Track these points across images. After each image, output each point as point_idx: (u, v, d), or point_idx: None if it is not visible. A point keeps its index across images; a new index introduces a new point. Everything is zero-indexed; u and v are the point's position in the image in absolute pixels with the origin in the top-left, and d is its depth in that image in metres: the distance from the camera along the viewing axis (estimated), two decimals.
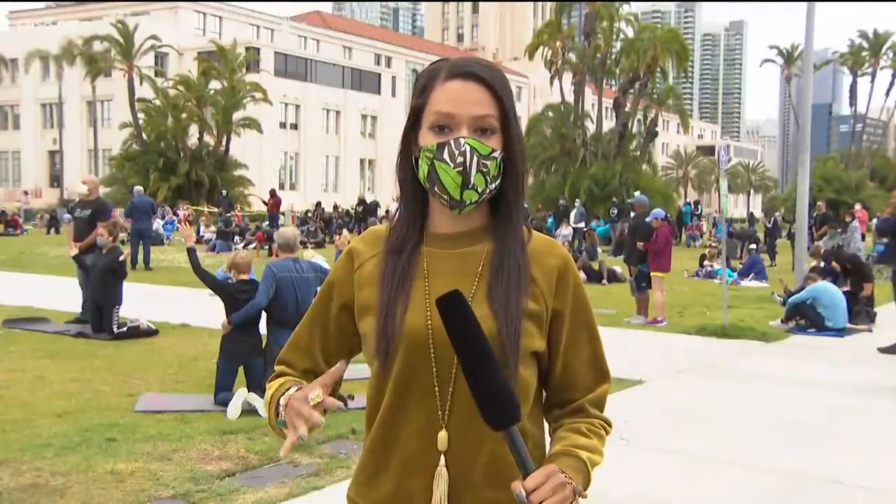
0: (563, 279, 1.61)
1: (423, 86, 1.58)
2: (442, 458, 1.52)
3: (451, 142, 1.51)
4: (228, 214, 29.81)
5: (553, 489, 1.39)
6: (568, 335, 1.61)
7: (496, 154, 1.53)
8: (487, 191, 1.54)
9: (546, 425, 1.68)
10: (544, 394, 1.67)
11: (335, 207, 36.19)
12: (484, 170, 1.52)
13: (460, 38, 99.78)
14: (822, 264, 13.31)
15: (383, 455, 1.59)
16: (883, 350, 9.79)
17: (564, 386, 1.64)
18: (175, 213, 31.63)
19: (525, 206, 1.67)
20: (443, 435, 1.52)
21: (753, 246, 21.08)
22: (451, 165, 1.50)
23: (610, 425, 1.66)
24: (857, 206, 24.13)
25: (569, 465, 1.49)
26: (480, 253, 1.59)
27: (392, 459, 1.58)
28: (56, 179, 55.56)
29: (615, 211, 29.23)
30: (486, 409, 1.40)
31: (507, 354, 1.50)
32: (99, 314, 9.62)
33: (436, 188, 1.54)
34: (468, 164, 1.50)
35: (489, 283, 1.55)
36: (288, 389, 1.54)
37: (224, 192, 38.90)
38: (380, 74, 66.85)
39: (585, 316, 1.64)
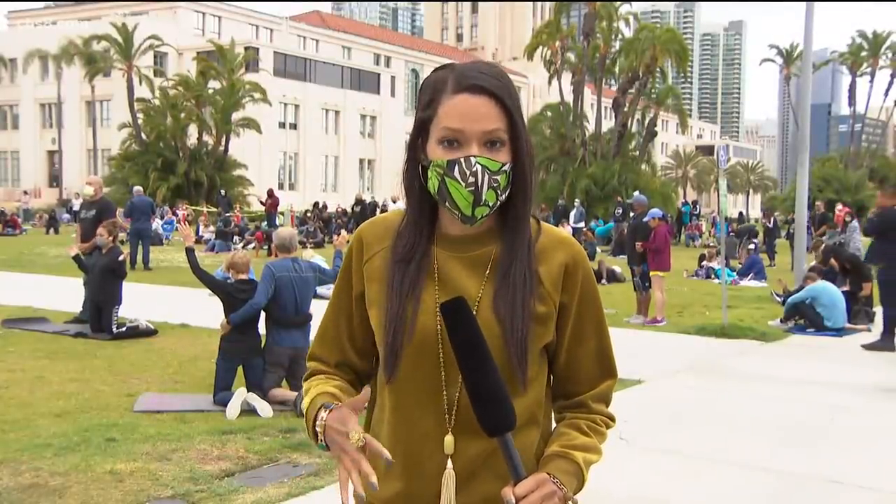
0: (571, 274, 1.60)
1: (430, 98, 1.55)
2: (449, 461, 1.52)
3: (462, 161, 1.49)
4: (227, 214, 29.79)
5: (542, 497, 1.42)
6: (573, 328, 1.62)
7: (506, 167, 1.52)
8: (498, 202, 1.54)
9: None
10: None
11: (324, 207, 35.32)
12: (494, 185, 1.51)
13: (459, 37, 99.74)
14: (822, 258, 13.32)
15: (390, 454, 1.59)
16: (866, 347, 9.82)
17: (568, 378, 1.64)
18: (174, 213, 31.61)
19: None
20: (449, 439, 1.52)
21: (752, 246, 21.10)
22: (463, 185, 1.49)
23: (613, 420, 1.67)
24: (839, 206, 24.15)
25: (562, 468, 1.50)
26: (488, 256, 1.58)
27: (398, 460, 1.57)
28: (55, 179, 55.58)
29: (619, 210, 29.25)
30: (482, 415, 1.41)
31: (516, 358, 1.50)
32: (98, 314, 9.62)
33: (447, 203, 1.53)
34: (480, 183, 1.49)
35: (496, 288, 1.54)
36: (319, 410, 1.52)
37: (223, 191, 38.80)
38: (379, 74, 66.82)
39: (593, 310, 1.64)
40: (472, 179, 1.49)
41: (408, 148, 1.60)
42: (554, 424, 1.67)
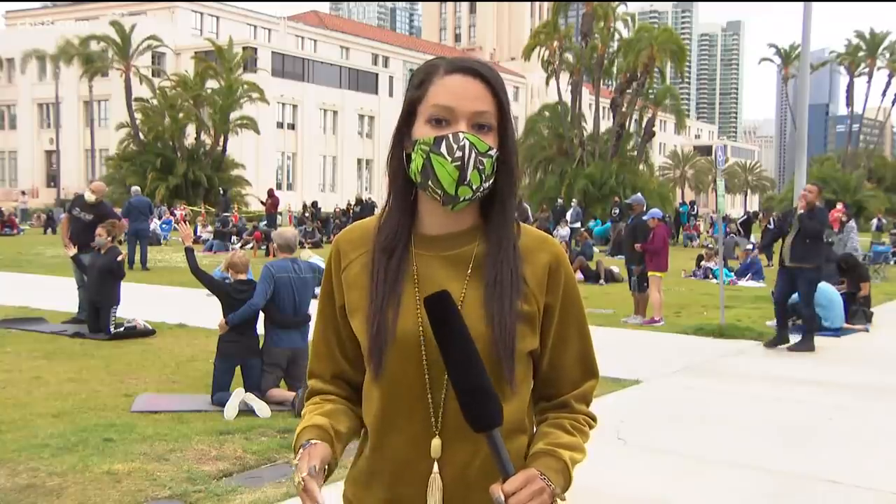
0: (554, 275, 1.59)
1: (421, 79, 1.55)
2: (435, 465, 1.51)
3: (450, 136, 1.48)
4: (225, 214, 29.79)
5: (531, 494, 1.40)
6: (557, 330, 1.60)
7: (492, 152, 1.51)
8: (482, 189, 1.52)
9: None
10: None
11: (313, 205, 34.84)
12: (480, 167, 1.49)
13: (458, 37, 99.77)
14: None
15: (376, 461, 1.58)
16: (791, 348, 9.77)
17: (551, 380, 1.63)
18: (172, 214, 31.59)
19: (526, 206, 1.65)
20: (436, 442, 1.51)
21: (750, 246, 21.12)
22: (449, 160, 1.47)
23: (595, 420, 1.66)
24: (839, 206, 24.23)
25: (550, 466, 1.49)
26: (470, 254, 1.56)
27: (385, 466, 1.56)
28: (53, 179, 55.52)
29: (616, 211, 29.25)
30: (468, 411, 1.39)
31: (501, 358, 1.49)
32: (96, 314, 9.61)
33: (430, 182, 1.50)
34: (466, 159, 1.47)
35: (483, 287, 1.53)
36: (300, 449, 1.52)
37: (223, 190, 38.68)
38: (377, 74, 66.84)
39: (575, 312, 1.63)
40: (458, 154, 1.47)
41: (394, 135, 1.58)
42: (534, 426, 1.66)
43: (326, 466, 1.50)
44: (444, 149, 1.48)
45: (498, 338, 1.49)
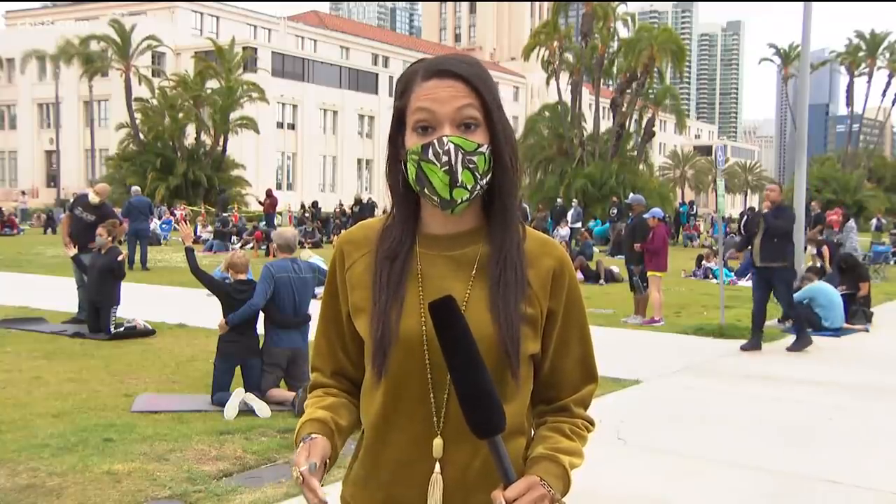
0: (558, 279, 1.59)
1: (403, 88, 1.56)
2: (437, 465, 1.51)
3: (435, 141, 1.49)
4: (225, 214, 29.79)
5: (533, 501, 1.41)
6: (559, 335, 1.61)
7: (483, 149, 1.51)
8: (478, 187, 1.52)
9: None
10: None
11: (313, 205, 34.54)
12: (471, 166, 1.49)
13: (458, 37, 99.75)
14: (815, 252, 13.48)
15: (376, 461, 1.58)
16: (790, 349, 9.72)
17: (551, 384, 1.63)
18: (172, 214, 31.58)
19: (525, 206, 1.65)
20: (438, 442, 1.50)
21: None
22: (438, 165, 1.48)
23: (592, 424, 1.66)
24: (836, 209, 24.39)
25: (550, 471, 1.50)
26: (474, 255, 1.56)
27: (385, 466, 1.56)
28: (53, 179, 55.53)
29: (615, 211, 29.22)
30: (471, 418, 1.39)
31: (507, 360, 1.49)
32: (96, 314, 9.61)
33: (426, 190, 1.51)
34: (454, 162, 1.48)
35: (487, 288, 1.53)
36: (301, 443, 1.54)
37: (220, 189, 38.54)
38: (377, 74, 66.82)
39: (578, 316, 1.63)
40: (445, 159, 1.48)
41: (388, 144, 1.59)
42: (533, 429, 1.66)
43: (326, 461, 1.52)
44: (431, 155, 1.49)
45: (503, 338, 1.49)
